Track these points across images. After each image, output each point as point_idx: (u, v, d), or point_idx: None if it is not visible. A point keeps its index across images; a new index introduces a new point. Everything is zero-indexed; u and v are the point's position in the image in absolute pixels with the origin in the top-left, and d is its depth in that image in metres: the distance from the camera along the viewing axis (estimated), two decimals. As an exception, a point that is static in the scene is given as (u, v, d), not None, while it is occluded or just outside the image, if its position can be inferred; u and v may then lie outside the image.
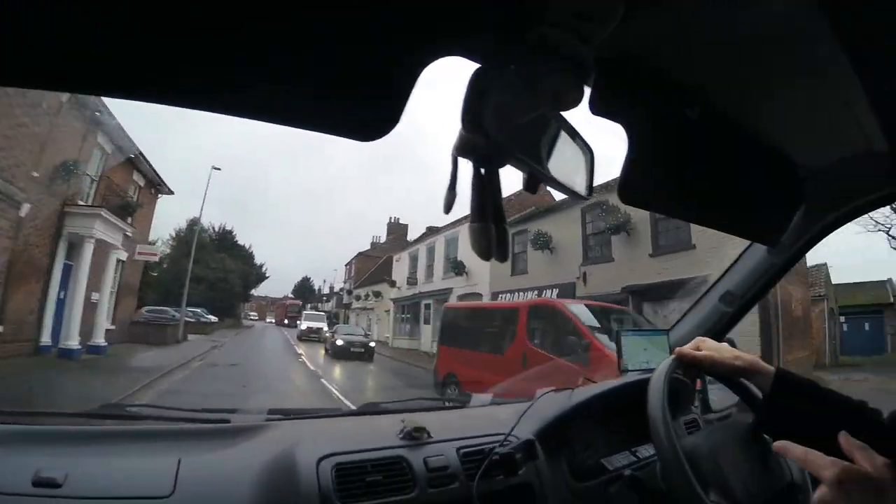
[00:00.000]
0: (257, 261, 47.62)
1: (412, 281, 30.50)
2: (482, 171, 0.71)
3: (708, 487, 0.97)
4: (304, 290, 79.19)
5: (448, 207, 0.72)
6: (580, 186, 0.84)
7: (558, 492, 1.21)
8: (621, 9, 0.67)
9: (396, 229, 51.48)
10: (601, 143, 0.97)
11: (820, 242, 1.41)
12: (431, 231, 30.17)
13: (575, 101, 0.70)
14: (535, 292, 18.24)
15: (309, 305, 61.17)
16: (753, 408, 1.16)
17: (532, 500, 1.17)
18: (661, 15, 0.74)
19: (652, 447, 1.24)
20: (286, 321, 53.11)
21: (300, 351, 23.20)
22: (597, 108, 0.80)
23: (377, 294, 37.55)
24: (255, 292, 54.81)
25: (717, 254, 10.91)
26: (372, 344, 22.49)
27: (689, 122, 0.91)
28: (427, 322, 25.92)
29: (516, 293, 19.56)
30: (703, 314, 1.54)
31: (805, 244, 1.38)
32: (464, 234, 24.63)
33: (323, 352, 22.85)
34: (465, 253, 24.08)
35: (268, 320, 72.18)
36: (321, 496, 0.97)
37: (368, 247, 54.52)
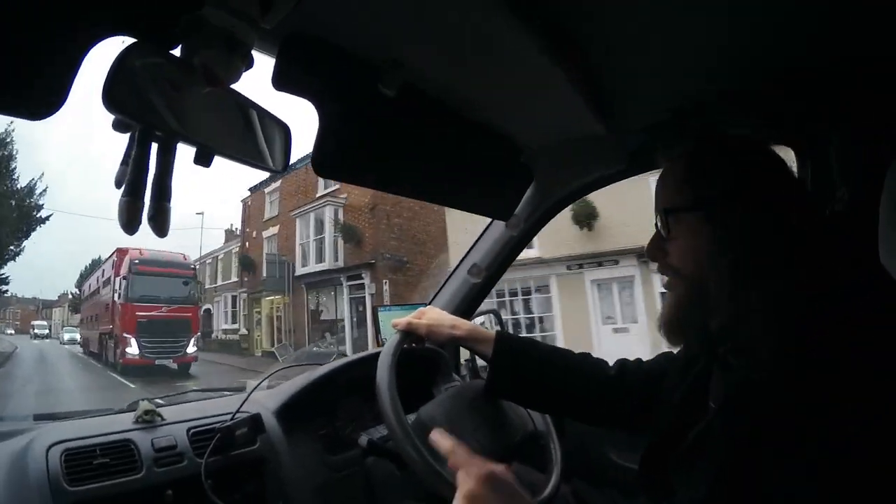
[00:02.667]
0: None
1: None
2: (145, 147, 0.71)
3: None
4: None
5: (118, 182, 0.72)
6: (276, 161, 0.88)
7: (304, 464, 1.26)
8: None
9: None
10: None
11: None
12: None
13: (230, 78, 0.72)
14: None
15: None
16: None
17: (270, 473, 1.22)
18: None
19: (412, 415, 1.33)
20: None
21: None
22: (280, 85, 0.83)
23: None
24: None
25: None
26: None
27: (386, 98, 0.96)
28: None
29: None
30: (455, 286, 1.67)
31: (539, 218, 1.56)
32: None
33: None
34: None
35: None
36: (50, 481, 0.98)
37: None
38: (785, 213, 0.74)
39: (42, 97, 0.61)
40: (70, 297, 47.90)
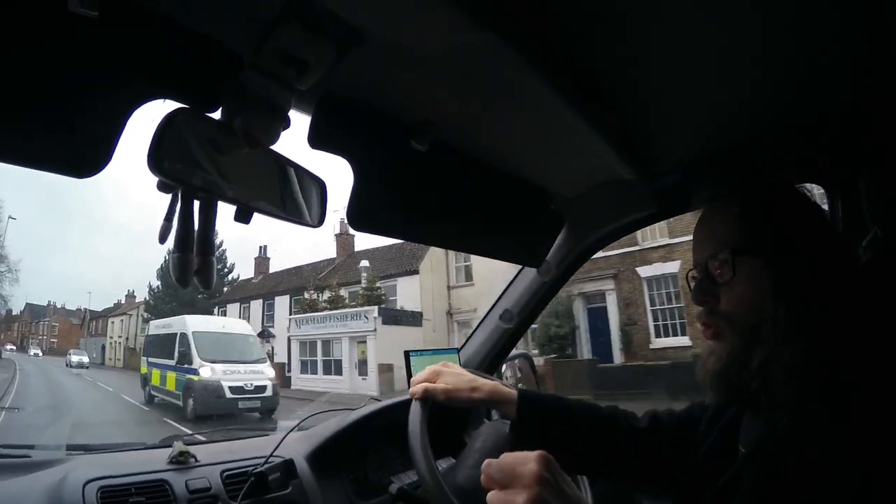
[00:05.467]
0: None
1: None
2: (189, 205, 0.75)
3: None
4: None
5: (162, 238, 0.75)
6: (313, 216, 0.91)
7: None
8: (333, 54, 0.75)
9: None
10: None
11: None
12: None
13: (269, 140, 0.76)
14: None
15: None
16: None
17: None
18: (374, 59, 0.80)
19: (444, 461, 1.31)
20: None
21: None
22: (315, 143, 0.86)
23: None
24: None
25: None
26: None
27: (417, 153, 0.99)
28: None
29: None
30: (487, 332, 1.67)
31: (571, 264, 1.55)
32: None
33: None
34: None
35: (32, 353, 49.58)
36: None
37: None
38: (830, 260, 0.73)
39: (89, 156, 0.65)
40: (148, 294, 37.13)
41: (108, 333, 47.10)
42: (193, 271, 0.73)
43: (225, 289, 35.21)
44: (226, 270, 37.38)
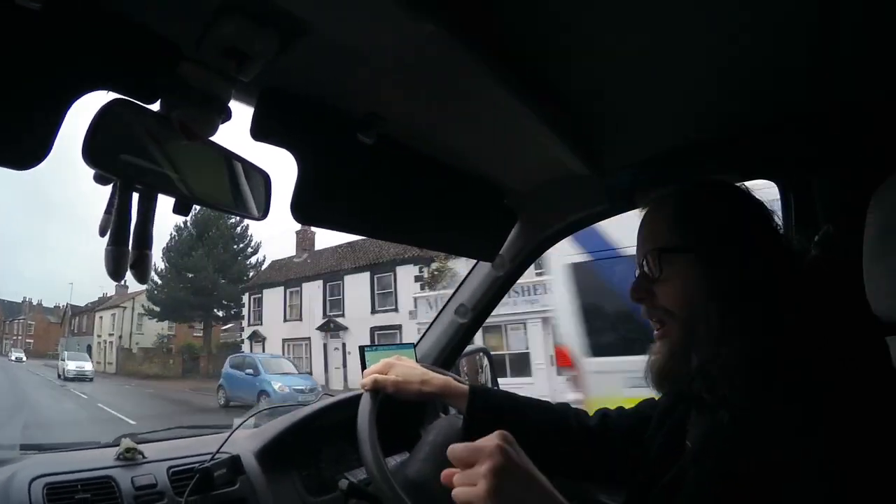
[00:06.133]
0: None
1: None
2: (126, 197, 0.73)
3: None
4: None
5: (102, 231, 0.73)
6: (258, 209, 0.91)
7: None
8: (275, 46, 0.74)
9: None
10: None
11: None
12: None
13: (206, 133, 0.75)
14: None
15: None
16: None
17: None
18: (317, 51, 0.79)
19: (398, 455, 1.31)
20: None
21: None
22: (258, 136, 0.85)
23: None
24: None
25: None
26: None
27: (365, 146, 0.99)
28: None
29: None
30: (442, 327, 1.67)
31: (525, 258, 1.57)
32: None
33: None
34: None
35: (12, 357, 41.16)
36: None
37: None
38: (771, 258, 0.75)
39: (27, 148, 0.63)
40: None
41: (96, 331, 40.58)
42: (129, 265, 0.72)
43: (251, 273, 31.80)
44: (249, 251, 33.18)
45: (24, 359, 40.77)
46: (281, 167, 1.03)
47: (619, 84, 1.01)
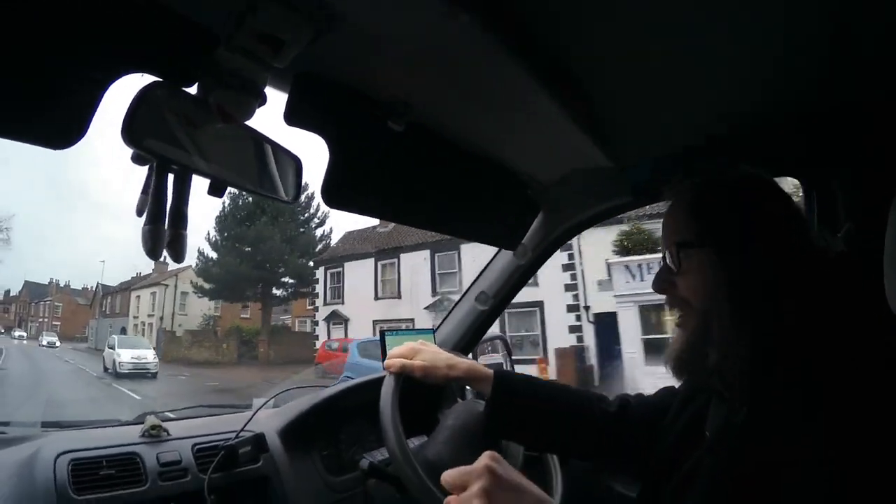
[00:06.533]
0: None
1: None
2: (163, 178, 0.76)
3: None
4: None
5: (140, 211, 0.76)
6: (288, 192, 0.93)
7: (306, 484, 1.29)
8: (310, 33, 0.76)
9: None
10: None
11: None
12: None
13: (242, 116, 0.77)
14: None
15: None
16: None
17: (273, 491, 1.25)
18: (351, 38, 0.81)
19: (418, 439, 1.34)
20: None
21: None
22: (291, 121, 0.88)
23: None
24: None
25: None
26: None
27: (394, 133, 1.01)
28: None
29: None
30: (462, 313, 1.70)
31: (547, 248, 1.59)
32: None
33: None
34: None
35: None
36: (57, 489, 1.01)
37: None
38: (790, 253, 0.75)
39: (64, 128, 0.66)
40: (198, 258, 28.94)
41: (132, 312, 37.01)
42: (165, 244, 0.74)
43: (320, 246, 28.88)
44: (315, 222, 30.04)
45: (58, 343, 36.68)
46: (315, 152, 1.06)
47: (643, 81, 1.01)
